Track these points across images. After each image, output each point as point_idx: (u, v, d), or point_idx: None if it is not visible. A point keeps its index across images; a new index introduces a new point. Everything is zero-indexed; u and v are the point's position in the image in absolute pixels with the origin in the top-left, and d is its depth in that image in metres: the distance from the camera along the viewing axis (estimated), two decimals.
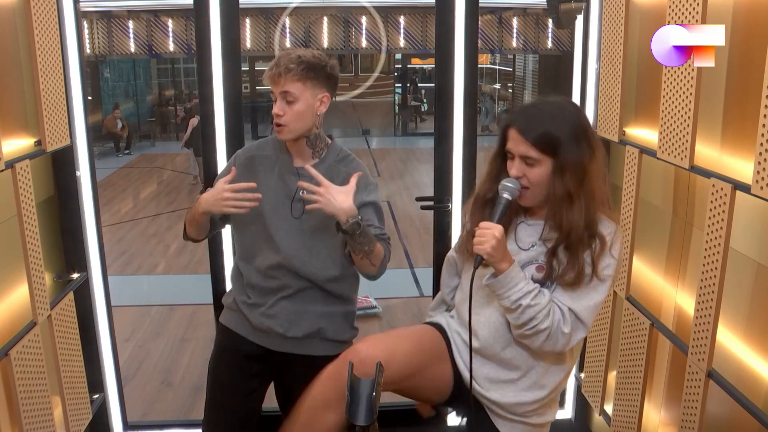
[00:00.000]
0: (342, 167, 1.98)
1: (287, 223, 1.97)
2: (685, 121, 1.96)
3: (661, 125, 2.09)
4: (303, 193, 1.88)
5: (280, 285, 2.00)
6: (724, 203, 1.78)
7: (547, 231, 1.59)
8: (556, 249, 1.56)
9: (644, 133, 2.35)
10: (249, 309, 2.05)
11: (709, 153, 1.95)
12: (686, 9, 1.91)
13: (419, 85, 16.35)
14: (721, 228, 1.80)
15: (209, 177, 2.61)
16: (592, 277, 1.54)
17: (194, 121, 12.33)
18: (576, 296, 1.55)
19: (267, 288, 2.02)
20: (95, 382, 2.69)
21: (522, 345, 1.63)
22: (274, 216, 1.97)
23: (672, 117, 2.02)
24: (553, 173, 1.51)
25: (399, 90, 15.73)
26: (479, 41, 2.84)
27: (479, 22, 2.73)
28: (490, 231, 1.50)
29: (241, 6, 2.56)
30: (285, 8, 10.21)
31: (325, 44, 10.69)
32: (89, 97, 2.67)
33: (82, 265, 2.60)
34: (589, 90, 2.72)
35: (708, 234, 1.86)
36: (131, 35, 10.39)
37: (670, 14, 1.99)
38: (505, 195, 1.54)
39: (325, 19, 10.53)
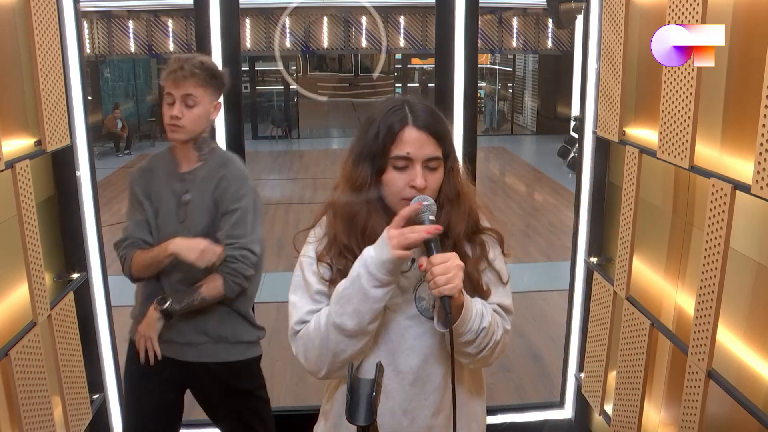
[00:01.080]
0: (222, 170, 2.02)
1: (177, 229, 2.02)
2: (685, 121, 1.96)
3: (661, 125, 2.09)
4: (186, 197, 2.00)
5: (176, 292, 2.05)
6: (724, 203, 1.78)
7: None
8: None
9: (644, 133, 2.35)
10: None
11: (709, 153, 1.95)
12: (686, 9, 1.91)
13: (417, 84, 16.31)
14: (721, 228, 1.80)
15: None
16: (488, 275, 1.36)
17: None
18: (497, 293, 1.37)
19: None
20: (95, 382, 2.69)
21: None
22: (166, 225, 2.03)
23: (672, 117, 2.02)
24: (446, 173, 1.33)
25: (399, 90, 15.71)
26: (479, 41, 2.84)
27: (479, 22, 2.74)
28: (452, 263, 1.20)
29: (241, 6, 2.56)
30: (285, 8, 10.22)
31: (325, 44, 10.70)
32: (89, 97, 2.67)
33: (82, 265, 2.60)
34: (589, 90, 2.72)
35: (708, 234, 1.86)
36: (131, 35, 10.40)
37: (670, 14, 1.99)
38: (431, 217, 1.25)
39: (325, 19, 10.54)
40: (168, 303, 1.98)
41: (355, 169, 1.32)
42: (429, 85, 16.15)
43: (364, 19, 10.53)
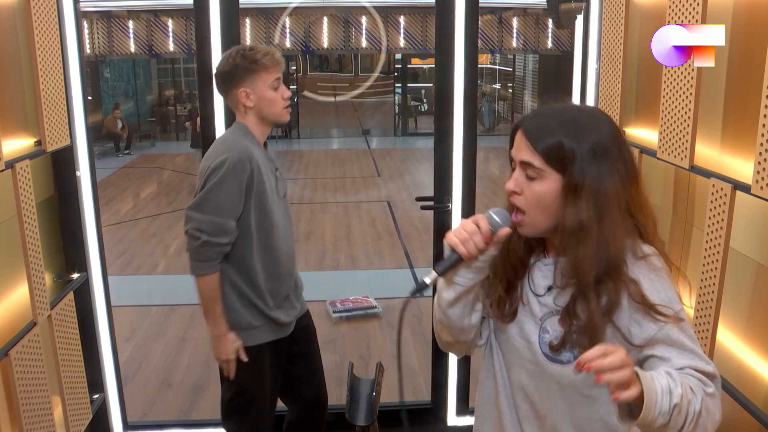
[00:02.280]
0: None
1: (282, 207, 2.14)
2: (685, 121, 1.96)
3: (661, 125, 2.09)
4: (278, 173, 2.11)
5: (292, 268, 2.19)
6: (724, 203, 1.78)
7: (559, 275, 1.20)
8: (572, 302, 1.17)
9: (644, 133, 2.35)
10: (279, 311, 2.12)
11: (709, 153, 1.95)
12: (686, 9, 1.91)
13: (418, 84, 16.32)
14: (721, 228, 1.80)
15: None
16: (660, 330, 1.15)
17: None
18: (688, 354, 1.15)
19: (286, 278, 2.15)
20: (95, 382, 2.69)
21: None
22: (275, 205, 2.09)
23: (672, 117, 2.02)
24: (565, 195, 1.15)
25: (399, 90, 15.72)
26: (479, 41, 2.84)
27: (479, 22, 2.73)
28: (617, 356, 1.02)
29: (241, 6, 2.56)
30: (285, 8, 10.21)
31: (325, 44, 10.70)
32: (89, 97, 2.67)
33: (82, 265, 2.60)
34: (589, 90, 2.72)
35: (708, 234, 1.86)
36: (131, 35, 10.39)
37: (670, 14, 1.99)
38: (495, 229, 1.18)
39: (325, 19, 10.53)
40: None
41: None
42: (418, 84, 16.10)
43: (364, 19, 10.53)
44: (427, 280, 1.18)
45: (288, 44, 10.53)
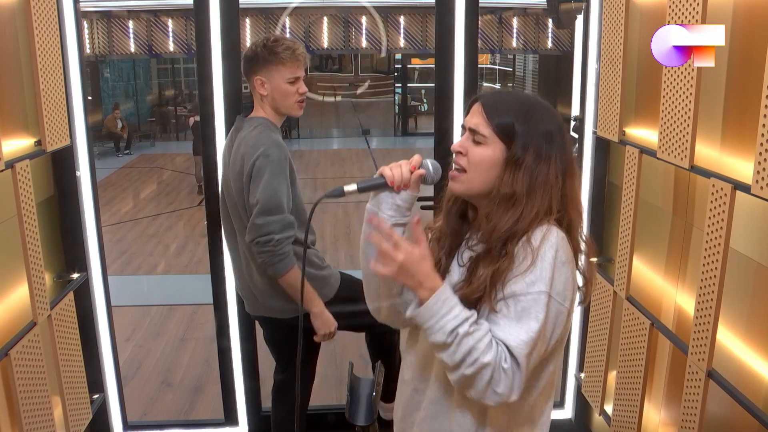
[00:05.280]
0: None
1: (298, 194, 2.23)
2: (685, 121, 1.96)
3: (661, 125, 2.09)
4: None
5: None
6: (724, 203, 1.78)
7: (474, 239, 1.33)
8: (477, 262, 1.28)
9: (644, 133, 2.35)
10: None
11: (709, 153, 1.95)
12: (686, 9, 1.91)
13: (417, 84, 16.30)
14: (721, 228, 1.80)
15: (209, 176, 2.62)
16: (498, 298, 1.23)
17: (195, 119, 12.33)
18: (504, 325, 1.21)
19: None
20: (95, 382, 2.69)
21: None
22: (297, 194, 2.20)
23: (672, 117, 2.02)
24: (505, 165, 1.27)
25: (399, 90, 15.72)
26: (479, 41, 2.85)
27: (479, 22, 2.73)
28: (391, 255, 1.22)
29: (241, 6, 2.56)
30: (285, 8, 10.21)
31: (325, 44, 10.69)
32: (89, 97, 2.67)
33: (82, 265, 2.60)
34: (589, 90, 2.72)
35: (708, 234, 1.86)
36: (131, 35, 10.39)
37: (670, 14, 1.99)
38: (429, 174, 1.34)
39: (325, 19, 10.52)
40: None
41: None
42: (418, 84, 16.01)
43: (364, 19, 10.53)
44: (346, 189, 1.30)
45: None
